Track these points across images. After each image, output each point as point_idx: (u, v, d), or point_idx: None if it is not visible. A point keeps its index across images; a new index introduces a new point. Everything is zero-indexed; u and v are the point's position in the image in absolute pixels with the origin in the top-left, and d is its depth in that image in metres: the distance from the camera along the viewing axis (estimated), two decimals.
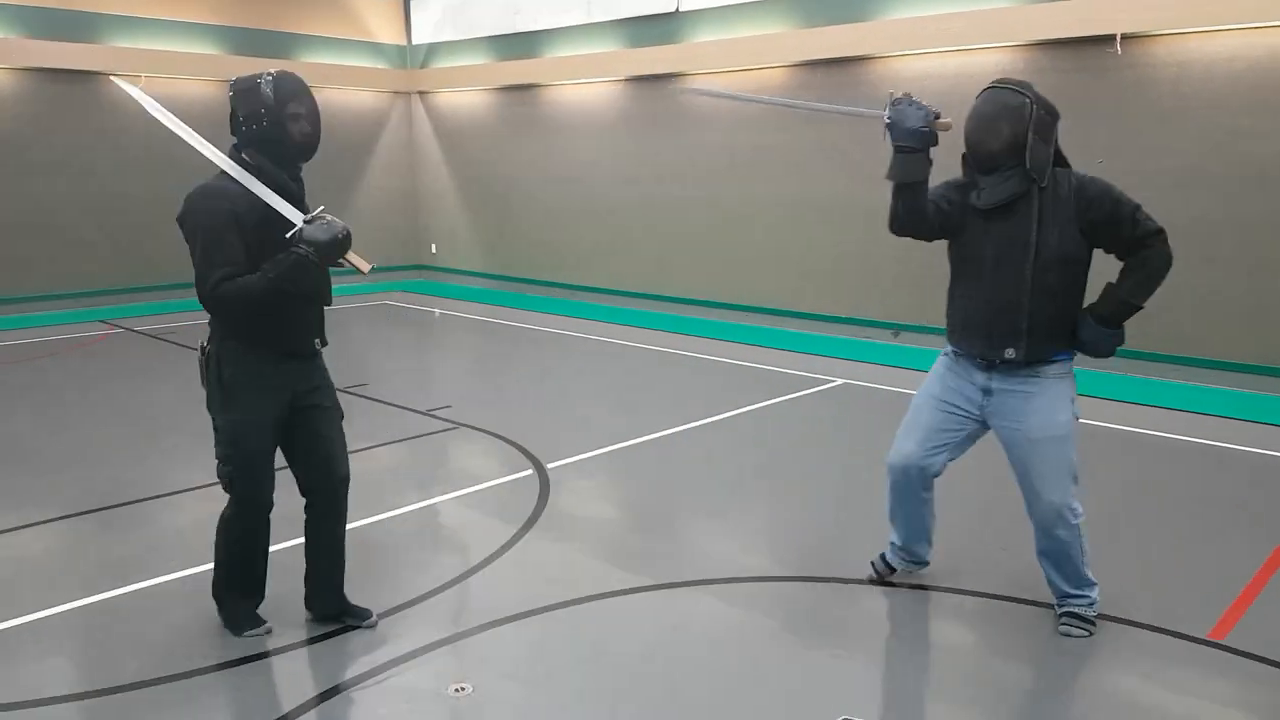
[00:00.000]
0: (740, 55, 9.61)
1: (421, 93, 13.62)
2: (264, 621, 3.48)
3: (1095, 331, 3.28)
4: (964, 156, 3.39)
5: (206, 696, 3.07)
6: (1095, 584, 3.49)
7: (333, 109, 12.95)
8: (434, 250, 13.80)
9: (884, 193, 3.41)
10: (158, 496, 4.92)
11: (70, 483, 5.14)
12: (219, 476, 3.31)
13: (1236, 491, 5.03)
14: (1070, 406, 3.37)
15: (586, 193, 11.52)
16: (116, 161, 10.99)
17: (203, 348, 3.24)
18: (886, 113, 3.27)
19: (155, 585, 3.87)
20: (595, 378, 7.90)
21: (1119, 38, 7.30)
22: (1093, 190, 3.25)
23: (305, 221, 3.07)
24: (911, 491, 3.61)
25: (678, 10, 10.17)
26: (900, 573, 3.87)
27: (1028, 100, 3.23)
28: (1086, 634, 3.41)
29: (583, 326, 9.90)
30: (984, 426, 3.50)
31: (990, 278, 3.31)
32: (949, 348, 3.56)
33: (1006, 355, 3.31)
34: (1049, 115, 3.27)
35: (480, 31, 12.55)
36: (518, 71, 11.96)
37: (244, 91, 3.13)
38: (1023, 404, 3.34)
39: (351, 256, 3.11)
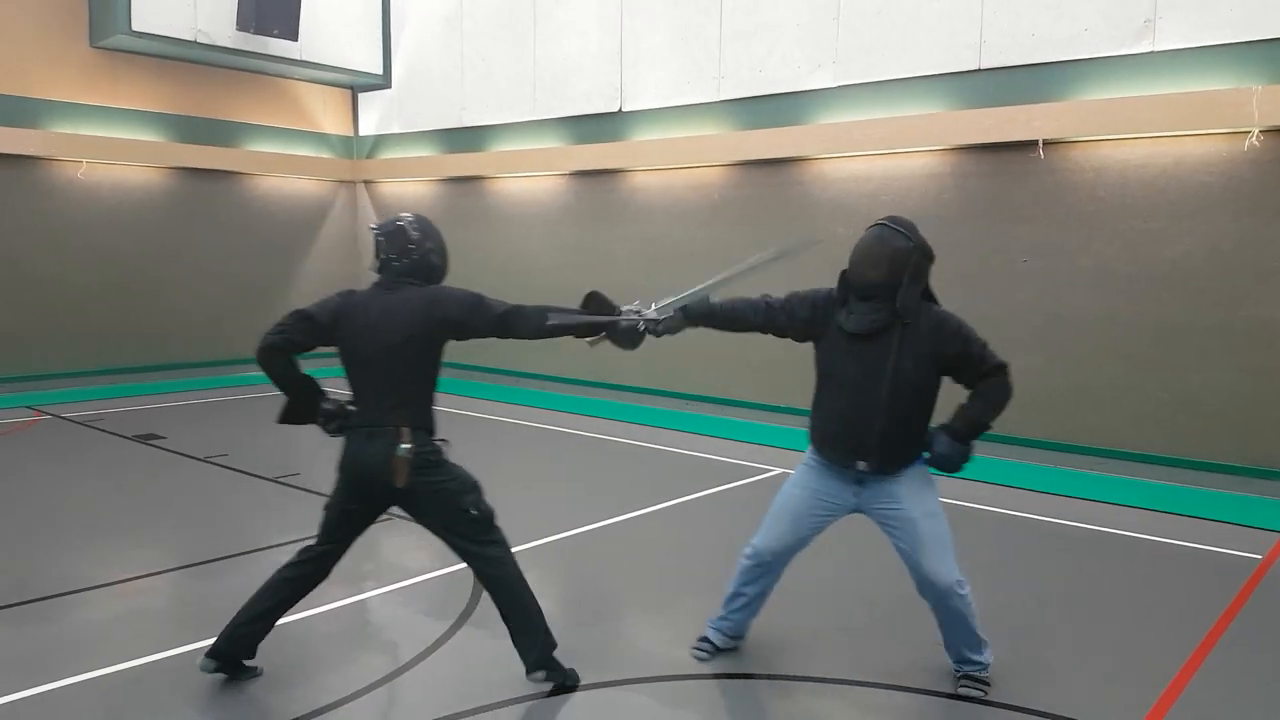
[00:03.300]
0: (680, 154, 9.92)
1: (367, 182, 13.75)
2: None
3: (949, 445, 3.56)
4: (843, 275, 3.67)
5: None
6: (988, 644, 3.75)
7: (275, 196, 12.99)
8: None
9: (821, 281, 3.78)
10: (70, 593, 4.71)
11: None
12: (486, 520, 3.57)
13: (1155, 584, 5.12)
14: (935, 488, 3.69)
15: (528, 283, 11.58)
16: (49, 248, 10.83)
17: (403, 451, 3.43)
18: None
19: (65, 687, 3.68)
20: (534, 467, 7.84)
21: (1041, 143, 7.70)
22: (948, 329, 3.57)
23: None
24: (771, 573, 3.89)
25: (620, 110, 10.49)
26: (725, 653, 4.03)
27: (912, 245, 3.55)
28: (984, 694, 3.67)
29: (523, 414, 9.87)
30: (852, 513, 3.77)
31: (850, 396, 3.62)
32: (811, 455, 3.85)
33: (859, 467, 3.63)
34: (926, 260, 3.60)
35: (427, 125, 12.77)
36: (463, 164, 12.16)
37: (392, 234, 3.64)
38: (894, 488, 3.64)
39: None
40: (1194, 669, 3.97)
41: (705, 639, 4.05)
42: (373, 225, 3.70)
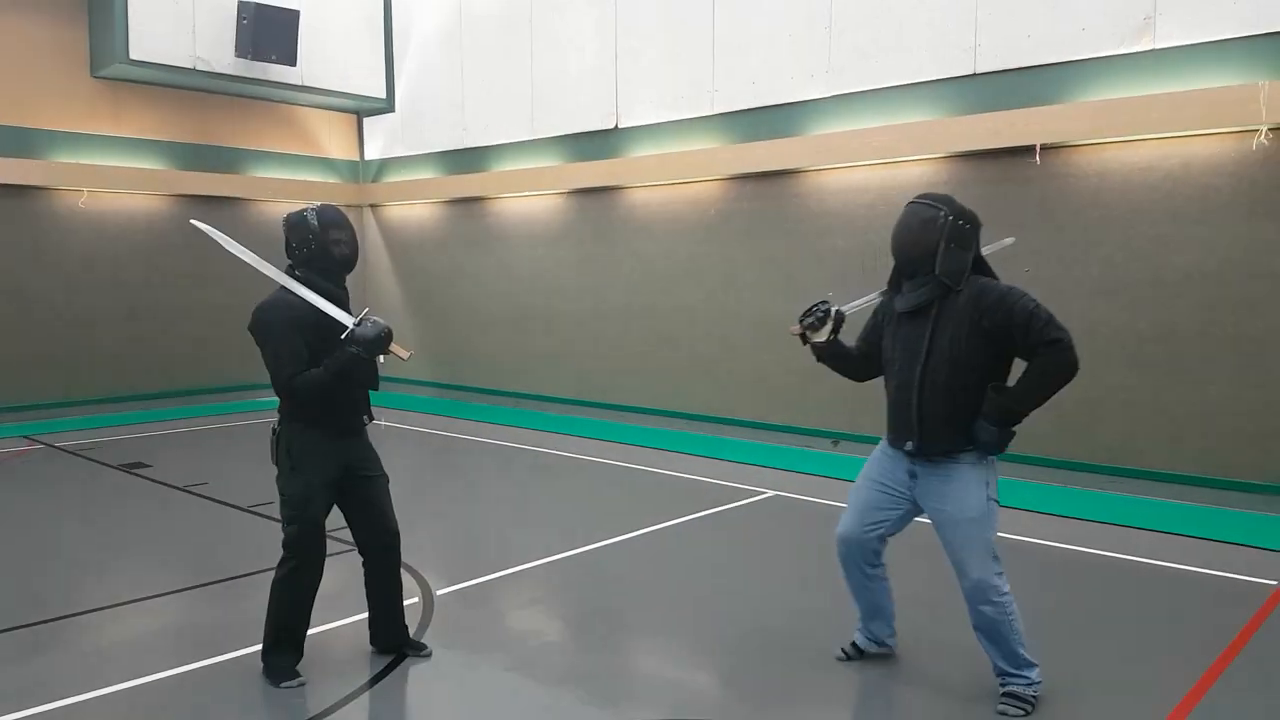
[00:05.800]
0: (677, 169, 9.72)
1: (373, 206, 13.71)
2: (299, 675, 3.78)
3: (986, 431, 3.44)
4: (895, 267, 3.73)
5: None
6: (1034, 665, 3.59)
7: (281, 222, 12.92)
8: (381, 360, 13.61)
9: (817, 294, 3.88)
10: (66, 616, 4.64)
11: None
12: (286, 537, 3.75)
13: (1165, 609, 4.81)
14: (984, 490, 3.52)
15: (530, 302, 11.49)
16: (50, 278, 10.85)
17: (273, 429, 3.83)
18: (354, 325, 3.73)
19: (66, 707, 3.56)
20: (526, 490, 7.64)
21: (1038, 148, 7.40)
22: (988, 299, 3.45)
23: (355, 323, 3.66)
24: (855, 564, 3.84)
25: (616, 127, 10.34)
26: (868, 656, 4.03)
27: (941, 212, 3.53)
28: (1023, 713, 3.50)
29: (523, 436, 9.68)
30: (917, 508, 3.72)
31: (894, 376, 3.65)
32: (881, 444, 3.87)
33: (906, 448, 3.59)
34: (967, 225, 3.54)
35: (430, 147, 12.72)
36: (466, 185, 12.08)
37: (295, 224, 3.91)
38: (941, 487, 3.56)
39: (393, 348, 3.70)
40: (1195, 702, 3.66)
41: (852, 643, 4.05)
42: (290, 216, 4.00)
